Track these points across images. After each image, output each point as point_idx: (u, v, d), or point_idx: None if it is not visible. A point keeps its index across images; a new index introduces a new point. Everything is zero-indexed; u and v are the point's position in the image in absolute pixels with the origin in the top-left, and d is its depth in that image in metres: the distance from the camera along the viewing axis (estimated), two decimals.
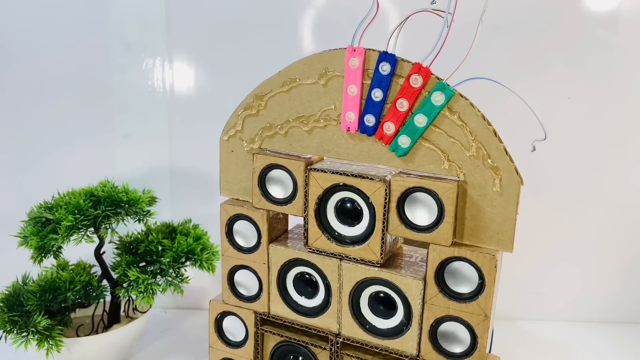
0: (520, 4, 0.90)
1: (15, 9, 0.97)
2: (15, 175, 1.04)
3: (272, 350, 0.73)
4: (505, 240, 0.58)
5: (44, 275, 0.80)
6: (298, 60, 0.64)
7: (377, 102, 0.60)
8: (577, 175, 0.96)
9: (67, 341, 0.76)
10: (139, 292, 0.77)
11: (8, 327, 0.74)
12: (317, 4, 0.94)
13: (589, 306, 1.03)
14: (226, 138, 0.70)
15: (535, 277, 1.02)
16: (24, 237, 0.79)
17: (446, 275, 0.61)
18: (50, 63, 0.99)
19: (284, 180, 0.67)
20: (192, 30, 0.98)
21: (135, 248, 0.85)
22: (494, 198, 0.58)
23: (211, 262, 0.83)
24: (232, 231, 0.72)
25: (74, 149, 1.03)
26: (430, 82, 0.57)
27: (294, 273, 0.69)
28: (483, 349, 0.60)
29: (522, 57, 0.92)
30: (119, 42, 0.98)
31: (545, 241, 1.00)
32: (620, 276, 1.01)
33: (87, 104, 1.01)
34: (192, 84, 1.00)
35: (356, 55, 0.60)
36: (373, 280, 0.64)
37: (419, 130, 0.59)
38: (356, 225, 0.64)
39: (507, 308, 1.02)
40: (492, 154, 0.57)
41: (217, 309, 0.75)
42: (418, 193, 0.60)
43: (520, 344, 0.96)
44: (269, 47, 0.96)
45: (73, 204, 0.77)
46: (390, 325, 0.65)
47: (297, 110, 0.65)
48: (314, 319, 0.69)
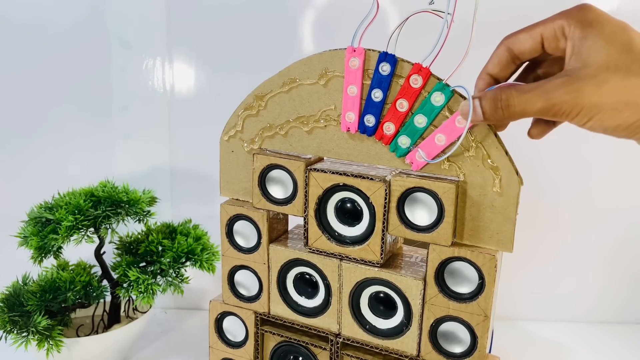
0: (520, 4, 0.90)
1: (15, 9, 0.97)
2: (15, 175, 1.04)
3: (272, 350, 0.73)
4: (505, 241, 0.58)
5: (44, 275, 0.80)
6: (298, 60, 0.64)
7: (377, 102, 0.60)
8: (577, 175, 0.96)
9: (67, 341, 0.76)
10: (139, 292, 0.77)
11: (8, 327, 0.74)
12: (317, 4, 0.94)
13: (589, 306, 1.03)
14: (226, 138, 0.70)
15: (535, 277, 1.02)
16: (24, 237, 0.79)
17: (446, 275, 0.61)
18: (51, 63, 0.99)
19: (284, 180, 0.67)
20: (192, 30, 0.98)
21: (136, 248, 0.85)
22: (494, 198, 0.58)
23: (211, 262, 0.83)
24: (232, 231, 0.72)
25: (74, 149, 1.03)
26: (430, 83, 0.57)
27: (294, 273, 0.70)
28: (483, 349, 0.60)
29: None
30: (119, 42, 0.98)
31: (546, 241, 1.00)
32: (621, 276, 1.01)
33: (87, 104, 1.01)
34: (192, 84, 1.00)
35: (356, 56, 0.60)
36: (373, 280, 0.64)
37: (419, 130, 0.59)
38: (356, 225, 0.64)
39: (507, 308, 1.02)
40: (492, 154, 0.57)
41: (217, 309, 0.75)
42: (418, 193, 0.60)
43: (520, 344, 0.96)
44: (269, 48, 0.96)
45: (73, 204, 0.77)
46: (390, 326, 0.65)
47: (297, 111, 0.65)
48: (314, 319, 0.69)
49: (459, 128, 0.57)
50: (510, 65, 0.53)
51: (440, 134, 0.58)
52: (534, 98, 0.47)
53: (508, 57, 0.53)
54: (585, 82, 0.46)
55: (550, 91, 0.47)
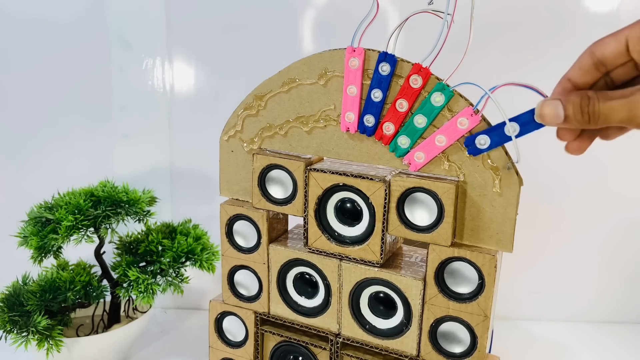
0: (520, 4, 0.90)
1: (15, 9, 0.97)
2: (15, 175, 1.04)
3: (272, 350, 0.73)
4: (505, 241, 0.58)
5: (44, 275, 0.80)
6: (298, 60, 0.64)
7: (376, 102, 0.60)
8: (577, 174, 0.96)
9: (67, 341, 0.76)
10: (139, 292, 0.77)
11: (8, 327, 0.74)
12: (317, 4, 0.94)
13: (589, 306, 1.03)
14: (226, 138, 0.70)
15: (535, 277, 1.02)
16: (24, 237, 0.79)
17: (446, 275, 0.61)
18: (51, 63, 0.99)
19: (283, 180, 0.67)
20: (192, 30, 0.98)
21: (135, 248, 0.85)
22: (493, 198, 0.58)
23: (211, 262, 0.83)
24: (232, 231, 0.72)
25: (74, 148, 1.03)
26: (430, 83, 0.57)
27: (293, 273, 0.70)
28: (483, 349, 0.60)
29: (522, 57, 0.92)
30: (119, 42, 0.98)
31: (545, 241, 1.00)
32: (620, 276, 1.01)
33: (87, 104, 1.01)
34: (192, 84, 1.00)
35: (356, 56, 0.60)
36: (373, 280, 0.64)
37: (419, 130, 0.59)
38: (356, 225, 0.64)
39: (507, 308, 1.02)
40: (492, 154, 0.57)
41: (217, 309, 0.75)
42: (418, 193, 0.60)
43: (520, 344, 0.96)
44: (269, 48, 0.96)
45: (73, 204, 0.77)
46: (390, 326, 0.65)
47: (296, 111, 0.65)
48: (314, 319, 0.69)
49: (460, 129, 0.57)
50: (592, 71, 0.51)
51: (441, 134, 0.58)
52: (618, 107, 0.46)
53: (590, 62, 0.50)
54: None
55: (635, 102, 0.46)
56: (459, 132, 0.57)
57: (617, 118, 0.47)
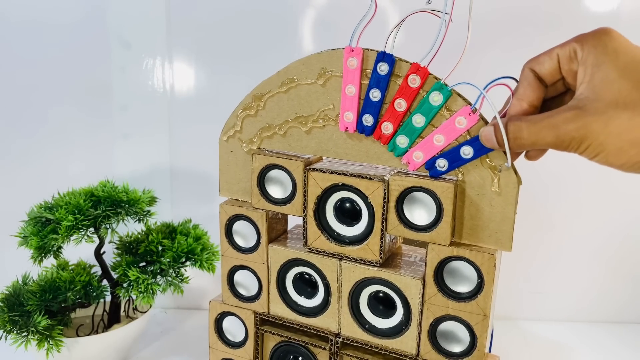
0: (519, 4, 0.90)
1: (15, 9, 0.98)
2: (15, 175, 1.04)
3: (272, 350, 0.73)
4: (504, 240, 0.58)
5: (44, 275, 0.80)
6: (296, 60, 0.64)
7: (375, 102, 0.60)
8: (577, 174, 0.96)
9: (67, 341, 0.76)
10: (139, 292, 0.77)
11: (8, 327, 0.74)
12: (316, 4, 0.94)
13: (589, 306, 1.03)
14: (225, 138, 0.70)
15: (535, 277, 1.02)
16: (24, 237, 0.79)
17: (445, 274, 0.61)
18: (51, 63, 0.99)
19: (283, 180, 0.67)
20: (192, 30, 0.98)
21: (136, 248, 0.85)
22: (492, 198, 0.58)
23: (211, 262, 0.83)
24: (231, 231, 0.72)
25: (74, 148, 1.03)
26: (428, 82, 0.57)
27: (293, 273, 0.70)
28: (482, 349, 0.60)
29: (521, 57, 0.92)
30: (119, 42, 0.98)
31: (545, 241, 1.00)
32: (620, 276, 1.01)
33: (87, 104, 1.01)
34: (192, 84, 1.00)
35: (354, 56, 0.60)
36: (372, 280, 0.64)
37: (417, 130, 0.59)
38: (355, 225, 0.64)
39: (507, 308, 1.02)
40: (491, 153, 0.57)
41: (217, 309, 0.75)
42: (417, 193, 0.60)
43: (520, 344, 0.96)
44: (269, 47, 0.96)
45: (73, 204, 0.78)
46: (390, 325, 0.65)
47: (295, 111, 0.65)
48: (314, 319, 0.69)
49: (459, 129, 0.57)
50: (539, 87, 0.52)
51: (439, 134, 0.58)
52: (543, 131, 0.47)
53: (534, 78, 0.51)
54: (594, 118, 0.45)
55: (559, 125, 0.46)
56: (457, 131, 0.57)
57: (544, 142, 0.48)
